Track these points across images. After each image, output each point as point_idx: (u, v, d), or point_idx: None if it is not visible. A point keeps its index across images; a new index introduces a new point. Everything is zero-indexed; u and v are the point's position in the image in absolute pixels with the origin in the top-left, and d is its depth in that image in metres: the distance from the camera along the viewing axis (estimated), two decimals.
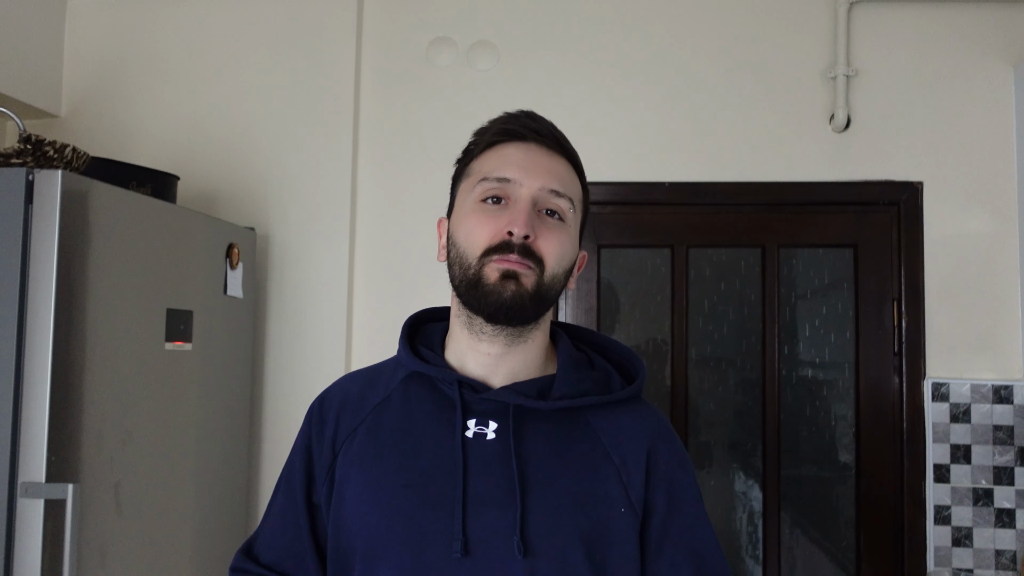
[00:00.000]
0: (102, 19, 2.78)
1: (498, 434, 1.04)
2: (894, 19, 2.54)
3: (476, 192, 1.06)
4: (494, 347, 1.07)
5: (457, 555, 0.98)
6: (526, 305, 1.02)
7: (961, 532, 2.39)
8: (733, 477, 2.60)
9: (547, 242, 1.03)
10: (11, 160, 1.78)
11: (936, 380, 2.43)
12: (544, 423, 1.05)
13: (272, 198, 2.65)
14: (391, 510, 1.02)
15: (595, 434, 1.06)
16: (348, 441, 1.10)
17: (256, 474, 2.59)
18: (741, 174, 2.56)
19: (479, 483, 1.01)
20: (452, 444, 1.04)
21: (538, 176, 1.04)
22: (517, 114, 1.10)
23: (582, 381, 1.09)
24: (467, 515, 1.00)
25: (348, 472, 1.07)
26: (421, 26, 2.69)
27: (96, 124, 2.75)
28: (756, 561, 2.54)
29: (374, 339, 2.62)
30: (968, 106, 2.50)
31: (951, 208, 2.48)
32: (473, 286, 1.03)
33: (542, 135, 1.08)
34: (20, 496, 1.64)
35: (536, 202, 1.04)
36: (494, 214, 1.04)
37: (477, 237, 1.03)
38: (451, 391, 1.07)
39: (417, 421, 1.07)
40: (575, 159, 1.11)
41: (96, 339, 1.79)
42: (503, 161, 1.06)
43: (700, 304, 2.63)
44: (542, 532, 0.99)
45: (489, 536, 0.99)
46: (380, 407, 1.11)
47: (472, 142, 1.12)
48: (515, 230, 1.01)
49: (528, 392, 1.06)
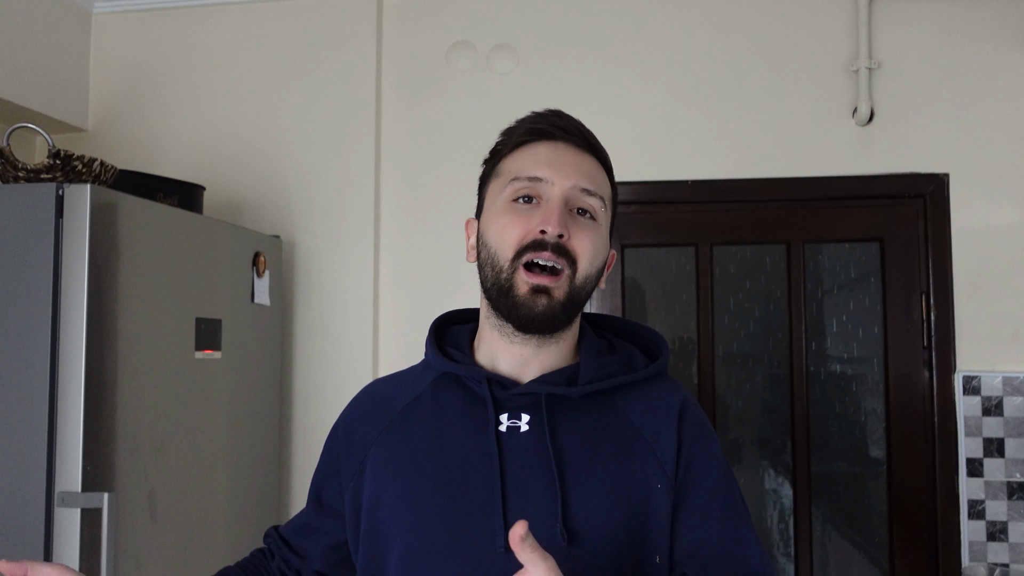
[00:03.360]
0: (127, 34, 2.82)
1: (531, 426, 1.04)
2: (916, 10, 2.51)
3: (507, 192, 1.05)
4: (526, 349, 1.07)
5: (501, 549, 0.97)
6: (558, 316, 1.03)
7: (996, 527, 2.37)
8: (763, 474, 2.59)
9: (580, 241, 1.03)
10: (41, 175, 1.81)
11: (967, 373, 2.41)
12: (575, 411, 1.05)
13: (296, 206, 2.67)
14: (429, 509, 1.02)
15: (625, 415, 1.06)
16: (377, 442, 1.10)
17: (287, 480, 2.61)
18: (764, 170, 2.55)
19: (517, 476, 1.01)
20: (486, 440, 1.04)
21: (569, 175, 1.04)
22: (545, 113, 1.10)
23: (606, 365, 1.08)
24: (507, 508, 0.99)
25: (380, 474, 1.08)
26: (440, 31, 2.71)
27: (123, 137, 2.79)
28: (788, 558, 2.53)
29: (401, 343, 2.63)
30: (992, 96, 2.47)
31: (978, 199, 2.46)
32: (504, 294, 1.03)
33: (571, 134, 1.07)
34: (57, 505, 1.67)
35: (568, 201, 1.04)
36: (525, 213, 1.03)
37: (509, 236, 1.03)
38: (480, 388, 1.07)
39: (449, 420, 1.07)
40: (604, 157, 1.11)
41: (128, 349, 1.82)
42: (533, 160, 1.05)
43: (726, 302, 2.61)
44: (584, 518, 0.99)
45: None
46: (409, 408, 1.11)
47: (500, 142, 1.12)
48: (549, 228, 1.00)
49: (556, 381, 1.06)
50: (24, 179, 1.81)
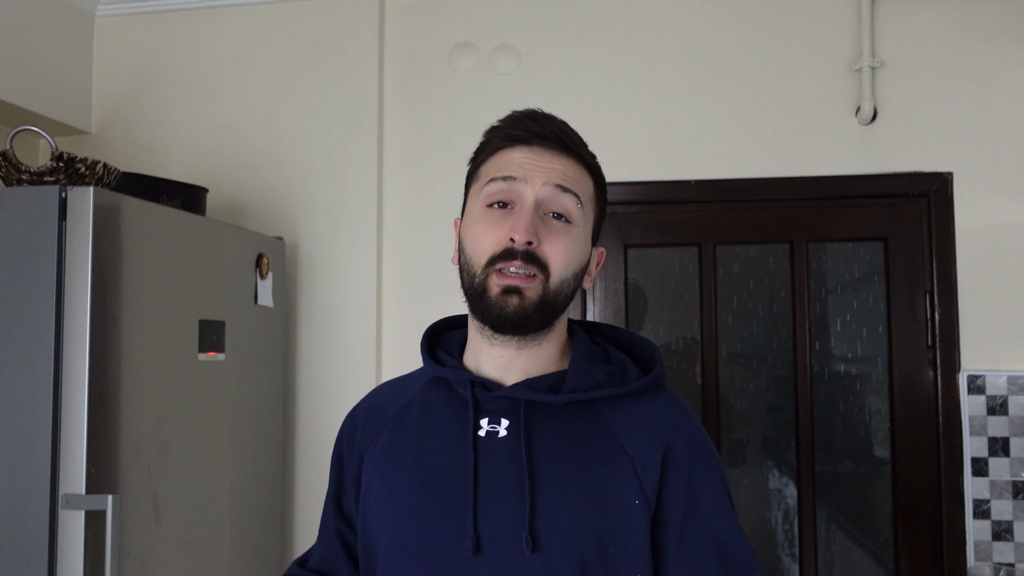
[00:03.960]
0: (130, 36, 2.82)
1: (509, 431, 1.05)
2: (919, 8, 2.51)
3: (483, 195, 1.06)
4: (506, 351, 1.08)
5: (468, 553, 0.99)
6: (530, 317, 1.03)
7: (1001, 526, 2.36)
8: (767, 475, 2.59)
9: (552, 247, 1.03)
10: (44, 178, 1.81)
11: (971, 372, 2.40)
12: (556, 419, 1.05)
13: (299, 207, 2.67)
14: (407, 511, 1.04)
15: (608, 427, 1.06)
16: (372, 447, 1.13)
17: (291, 481, 2.61)
18: (767, 170, 2.54)
19: (490, 481, 1.02)
20: (465, 444, 1.05)
21: (543, 173, 1.04)
22: (521, 116, 1.09)
23: (594, 374, 1.08)
24: (478, 513, 1.01)
25: (372, 477, 1.10)
26: (443, 32, 2.71)
27: (126, 140, 2.79)
28: (793, 559, 2.52)
29: (404, 345, 2.64)
30: (996, 94, 2.47)
31: (982, 197, 2.45)
32: (478, 297, 1.04)
33: (546, 138, 1.06)
34: (61, 508, 1.67)
35: (540, 204, 1.03)
36: (498, 221, 1.04)
37: (482, 245, 1.04)
38: (464, 391, 1.08)
39: (434, 423, 1.09)
40: (584, 156, 1.10)
41: (131, 351, 1.82)
42: (508, 162, 1.06)
43: (729, 301, 2.61)
44: (553, 527, 0.99)
45: (500, 533, 0.99)
46: (401, 412, 1.13)
47: (481, 143, 1.13)
48: (517, 236, 1.01)
49: (539, 387, 1.06)
50: (27, 182, 1.82)
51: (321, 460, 2.59)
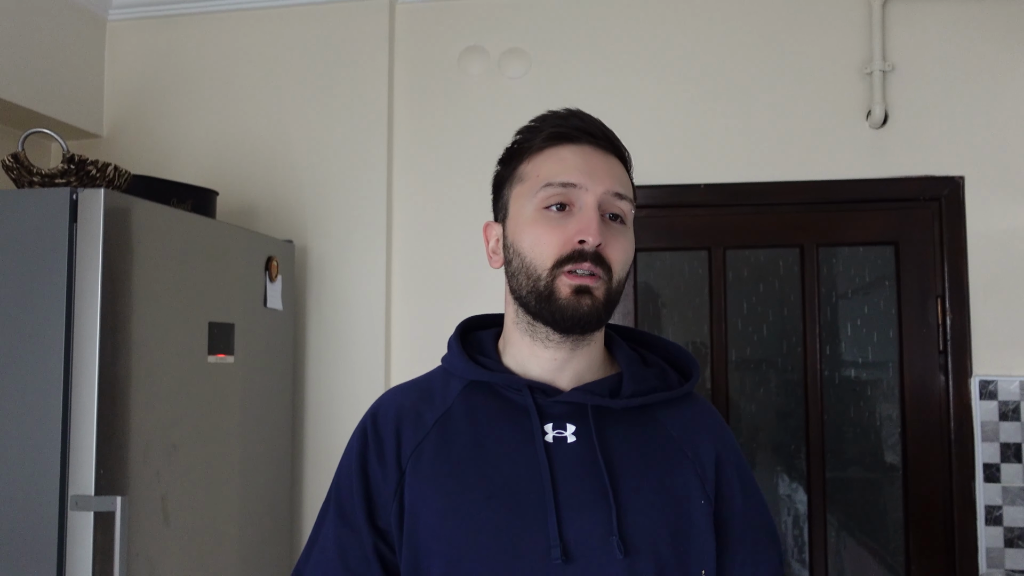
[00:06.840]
0: (141, 40, 2.84)
1: (578, 436, 1.04)
2: (929, 13, 2.50)
3: (538, 198, 1.04)
4: (560, 352, 1.06)
5: (558, 561, 0.97)
6: (601, 316, 1.03)
7: (1014, 532, 2.34)
8: (777, 480, 2.57)
9: (614, 249, 1.02)
10: (55, 180, 1.82)
11: (983, 377, 2.38)
12: (619, 423, 1.06)
13: (309, 211, 2.68)
14: (476, 524, 1.00)
15: (666, 430, 1.08)
16: (414, 458, 1.05)
17: (299, 484, 2.61)
18: (777, 174, 2.53)
19: (567, 487, 1.01)
20: (533, 451, 1.02)
21: (602, 180, 1.03)
22: (566, 114, 1.08)
23: (647, 379, 1.09)
24: (561, 520, 0.99)
25: (421, 491, 1.03)
26: (452, 36, 2.71)
27: (137, 142, 2.80)
28: (803, 565, 2.51)
29: (413, 348, 2.63)
30: (1008, 98, 2.45)
31: (994, 201, 2.43)
32: (545, 300, 1.01)
33: (595, 136, 1.06)
34: (70, 509, 1.67)
35: (600, 206, 1.03)
36: (559, 222, 1.02)
37: (546, 247, 1.01)
38: (521, 397, 1.06)
39: (489, 431, 1.05)
40: (626, 156, 1.10)
41: (141, 353, 1.82)
42: (562, 165, 1.04)
43: (739, 306, 2.60)
44: (636, 531, 0.99)
45: (586, 539, 0.98)
46: (443, 420, 1.07)
47: (518, 141, 1.10)
48: (588, 239, 1.00)
49: (600, 392, 1.06)
50: (39, 184, 1.83)
51: (330, 463, 2.59)
